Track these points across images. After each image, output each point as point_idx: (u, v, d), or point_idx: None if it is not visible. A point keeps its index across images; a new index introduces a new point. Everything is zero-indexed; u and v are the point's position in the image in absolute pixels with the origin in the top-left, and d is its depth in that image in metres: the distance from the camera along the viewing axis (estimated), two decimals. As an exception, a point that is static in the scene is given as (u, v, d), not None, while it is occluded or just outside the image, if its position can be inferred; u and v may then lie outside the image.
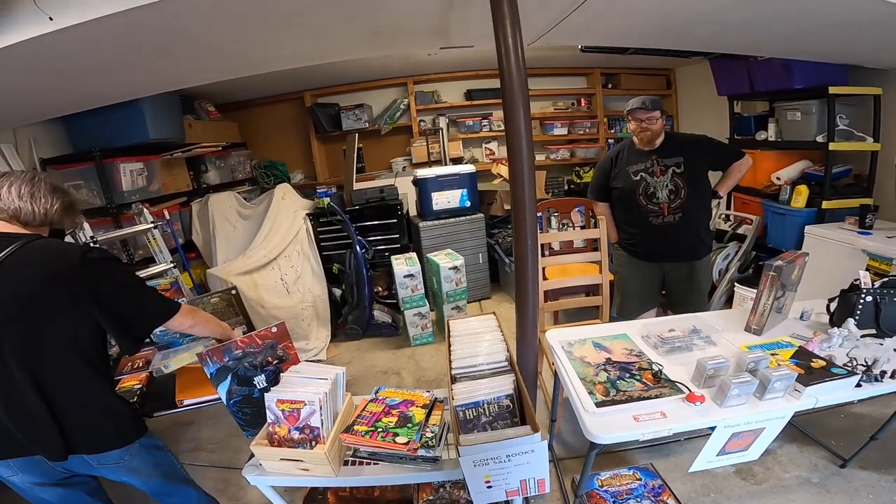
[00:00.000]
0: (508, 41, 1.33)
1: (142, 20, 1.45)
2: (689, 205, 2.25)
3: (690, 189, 2.24)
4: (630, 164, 2.33)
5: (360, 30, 2.09)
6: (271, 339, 1.46)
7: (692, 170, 2.24)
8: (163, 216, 3.13)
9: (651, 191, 2.27)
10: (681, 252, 2.35)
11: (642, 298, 2.51)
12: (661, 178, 2.25)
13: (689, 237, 2.32)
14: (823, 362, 1.44)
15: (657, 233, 2.31)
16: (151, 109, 2.90)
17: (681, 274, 2.39)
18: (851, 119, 3.00)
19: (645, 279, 2.47)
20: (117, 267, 1.35)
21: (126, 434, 1.36)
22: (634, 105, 2.26)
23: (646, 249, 2.40)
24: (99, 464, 1.33)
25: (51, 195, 1.34)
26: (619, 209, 2.46)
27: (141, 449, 1.40)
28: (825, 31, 2.21)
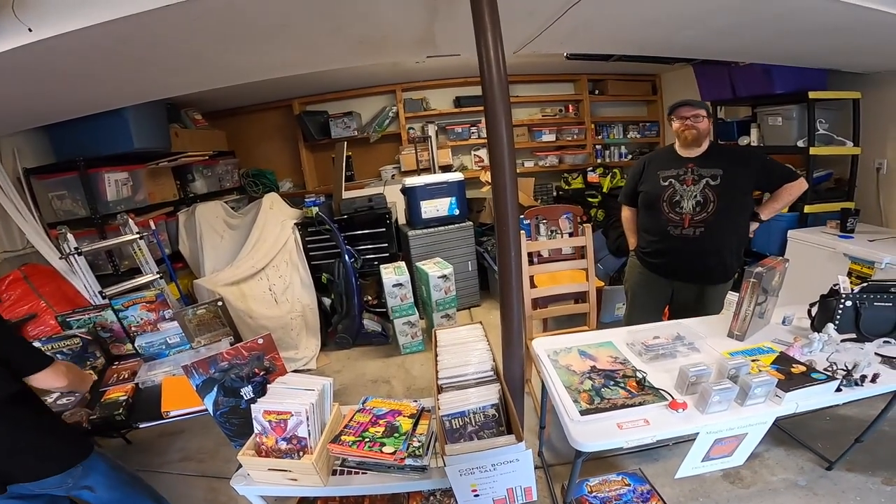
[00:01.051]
0: (490, 50, 1.34)
1: (122, 31, 1.45)
2: (716, 221, 2.05)
3: (721, 204, 2.03)
4: (662, 169, 2.16)
5: (346, 40, 2.10)
6: (258, 351, 1.45)
7: (730, 185, 2.03)
8: (149, 226, 3.11)
9: (676, 199, 2.10)
10: (694, 271, 2.18)
11: (646, 311, 2.35)
12: (692, 187, 2.07)
13: (708, 257, 2.13)
14: (804, 367, 1.45)
15: (674, 244, 2.14)
16: (136, 118, 2.88)
17: (689, 295, 2.24)
18: (831, 123, 3.04)
19: (651, 293, 2.34)
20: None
21: (61, 461, 1.39)
22: (679, 102, 2.10)
23: (658, 260, 2.24)
24: (40, 489, 1.36)
25: None
26: (642, 215, 2.30)
27: (87, 470, 1.43)
28: (803, 36, 2.25)
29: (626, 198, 2.42)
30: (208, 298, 2.68)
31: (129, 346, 2.31)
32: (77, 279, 2.61)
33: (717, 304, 2.26)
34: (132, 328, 2.31)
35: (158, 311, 2.29)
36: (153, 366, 2.14)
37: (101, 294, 2.61)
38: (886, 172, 2.99)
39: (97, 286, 2.64)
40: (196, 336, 2.27)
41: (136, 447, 2.60)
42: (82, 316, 2.24)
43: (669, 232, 2.13)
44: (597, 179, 4.64)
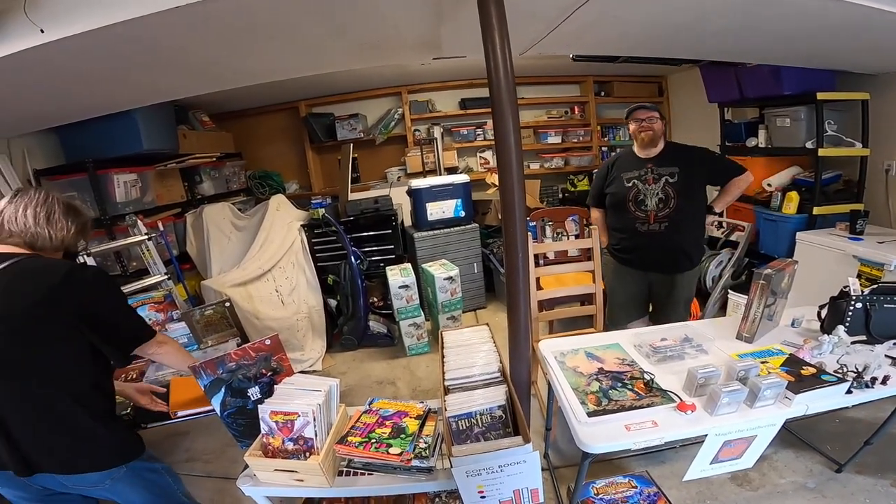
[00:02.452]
0: (497, 52, 1.35)
1: (131, 33, 1.46)
2: (677, 216, 2.23)
3: (681, 200, 2.22)
4: (625, 171, 2.33)
5: (351, 43, 2.11)
6: (265, 352, 1.46)
7: (686, 181, 2.22)
8: (157, 227, 3.12)
9: (641, 198, 2.27)
10: (663, 263, 2.34)
11: (627, 307, 2.51)
12: (653, 185, 2.25)
13: (673, 248, 2.31)
14: (814, 369, 1.44)
15: (642, 240, 2.31)
16: (145, 120, 2.90)
17: (664, 285, 2.39)
18: (840, 125, 3.02)
19: (630, 287, 2.46)
20: (102, 287, 1.31)
21: (106, 459, 1.31)
22: (633, 106, 2.31)
23: (630, 255, 2.40)
24: (74, 485, 1.30)
25: (65, 218, 1.31)
26: (610, 214, 2.47)
27: (129, 473, 1.35)
28: (810, 37, 2.24)
29: (594, 199, 2.58)
30: (215, 299, 2.69)
31: None
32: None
33: (689, 289, 2.45)
34: (140, 329, 2.32)
35: (167, 312, 2.31)
36: (161, 366, 2.15)
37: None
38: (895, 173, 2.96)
39: (105, 287, 2.65)
40: (203, 337, 2.28)
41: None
42: None
43: (637, 228, 2.30)
44: (603, 181, 4.62)
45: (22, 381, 1.19)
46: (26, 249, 1.26)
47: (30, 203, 1.27)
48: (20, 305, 1.16)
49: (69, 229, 1.32)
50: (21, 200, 1.27)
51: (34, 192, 1.31)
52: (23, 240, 1.26)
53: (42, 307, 1.17)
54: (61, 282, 1.19)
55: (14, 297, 1.16)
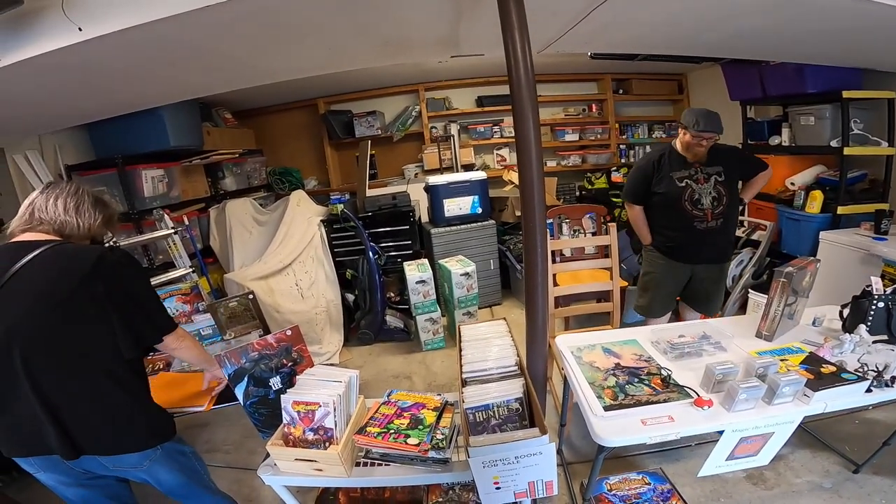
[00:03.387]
0: (517, 50, 1.36)
1: (165, 31, 1.51)
2: (728, 211, 2.37)
3: (729, 197, 2.35)
4: (674, 171, 2.37)
5: (372, 41, 2.15)
6: (286, 342, 1.50)
7: (730, 178, 2.36)
8: (182, 222, 3.21)
9: (696, 197, 2.34)
10: (717, 255, 2.49)
11: (668, 299, 2.61)
12: (705, 185, 2.33)
13: (726, 241, 2.50)
14: (834, 368, 1.43)
15: (700, 237, 2.38)
16: (172, 117, 2.99)
17: (710, 275, 2.51)
18: (866, 123, 2.96)
19: (674, 280, 2.55)
20: (132, 271, 1.36)
21: (146, 439, 1.35)
22: (704, 126, 2.21)
23: (686, 252, 2.45)
24: (115, 466, 1.33)
25: (93, 208, 1.36)
26: (660, 214, 2.49)
27: (164, 454, 1.39)
28: (837, 36, 2.21)
29: (636, 196, 2.55)
30: (238, 292, 2.75)
31: None
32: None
33: (727, 277, 2.70)
34: (168, 319, 2.39)
35: (193, 304, 2.37)
36: None
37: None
38: (923, 173, 2.90)
39: (133, 278, 2.73)
40: (227, 328, 2.34)
41: None
42: None
43: (696, 227, 2.36)
44: (621, 179, 4.59)
45: (66, 362, 1.23)
46: (56, 237, 1.30)
47: (61, 194, 1.32)
48: (57, 288, 1.21)
49: (96, 219, 1.37)
50: (52, 192, 1.33)
51: (65, 185, 1.36)
52: (52, 227, 1.30)
53: (77, 289, 1.21)
54: (94, 264, 1.23)
55: (50, 280, 1.21)
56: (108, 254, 1.29)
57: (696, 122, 2.22)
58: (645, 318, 2.74)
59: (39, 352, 1.20)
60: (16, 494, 2.14)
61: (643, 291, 2.67)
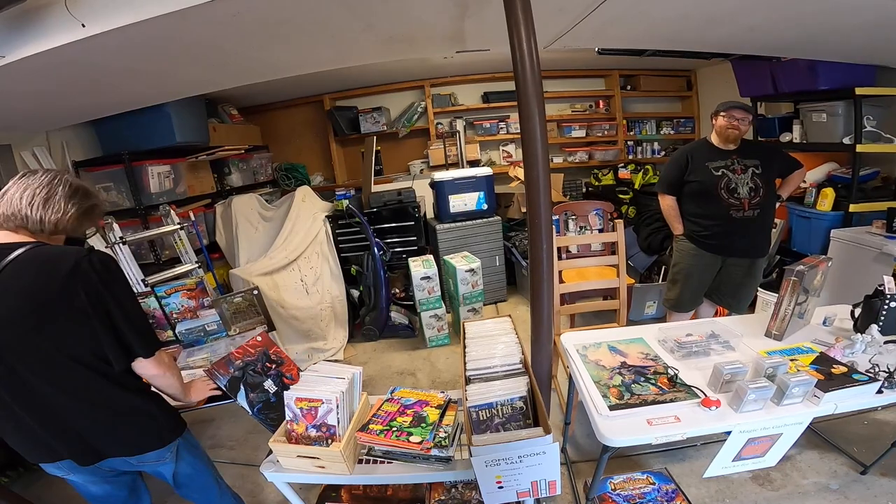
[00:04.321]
0: (523, 46, 1.34)
1: (168, 27, 1.51)
2: (765, 204, 2.38)
3: (766, 190, 2.37)
4: (709, 161, 2.41)
5: (378, 37, 2.13)
6: (261, 347, 1.49)
7: (767, 173, 2.39)
8: (188, 217, 3.22)
9: (733, 186, 2.36)
10: (753, 247, 2.48)
11: (699, 291, 2.61)
12: (742, 175, 2.36)
13: (762, 235, 2.49)
14: (844, 368, 1.41)
15: (736, 226, 2.39)
16: (177, 113, 3.00)
17: (741, 269, 2.50)
18: (879, 120, 2.91)
19: (705, 272, 2.55)
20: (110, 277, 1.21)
21: (167, 434, 1.35)
22: (734, 104, 2.35)
23: (719, 241, 2.45)
24: (140, 462, 1.33)
25: (66, 201, 1.21)
26: (695, 203, 2.51)
27: (183, 446, 1.40)
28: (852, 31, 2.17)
29: (669, 188, 2.58)
30: (243, 288, 2.76)
31: (169, 332, 2.38)
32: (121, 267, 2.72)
33: (761, 272, 2.63)
34: (173, 315, 2.39)
35: (198, 299, 2.37)
36: (192, 352, 2.21)
37: (144, 282, 2.72)
38: (938, 171, 2.84)
39: (140, 274, 2.75)
40: (232, 324, 2.35)
41: None
42: None
43: (732, 215, 2.37)
44: (628, 176, 4.55)
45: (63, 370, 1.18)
46: (26, 235, 1.19)
47: (31, 184, 1.19)
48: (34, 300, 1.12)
49: (67, 213, 1.21)
50: (24, 182, 1.19)
51: (42, 174, 1.22)
52: (14, 224, 1.17)
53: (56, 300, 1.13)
54: (69, 272, 1.14)
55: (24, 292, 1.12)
56: (84, 262, 1.16)
57: (726, 103, 2.36)
58: (671, 312, 2.75)
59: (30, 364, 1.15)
60: (22, 490, 2.16)
61: (672, 284, 2.68)
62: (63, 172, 1.27)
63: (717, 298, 2.65)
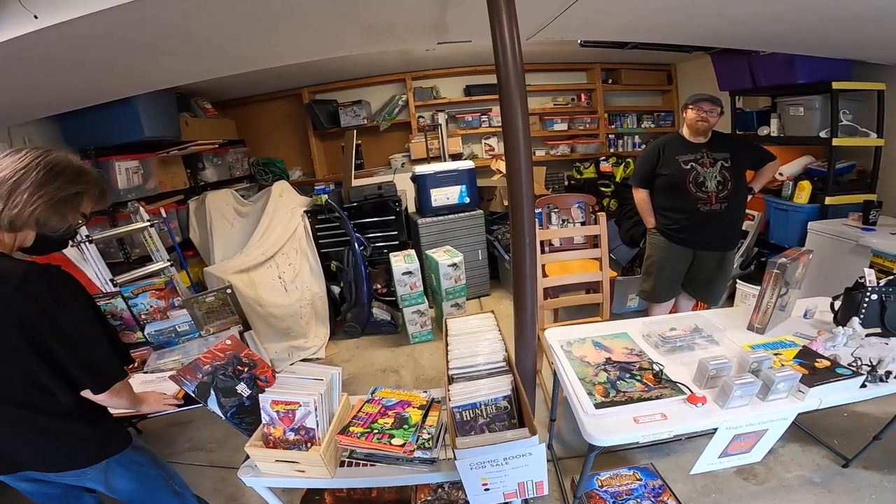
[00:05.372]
0: (505, 36, 1.30)
1: (128, 18, 1.42)
2: (733, 197, 2.40)
3: (735, 183, 2.39)
4: (679, 154, 2.43)
5: (355, 26, 2.06)
6: (231, 350, 1.44)
7: (737, 166, 2.41)
8: (159, 214, 3.11)
9: (701, 180, 2.38)
10: (721, 241, 2.50)
11: (673, 284, 2.64)
12: (711, 169, 2.38)
13: (731, 228, 2.51)
14: (828, 362, 1.41)
15: (703, 220, 2.42)
16: (146, 107, 2.87)
17: (712, 262, 2.54)
18: (855, 114, 2.97)
19: (678, 265, 2.58)
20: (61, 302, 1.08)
21: (92, 455, 1.26)
22: (702, 96, 2.38)
23: (689, 235, 2.48)
24: (58, 477, 1.27)
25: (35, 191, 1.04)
26: (665, 196, 2.53)
27: (118, 465, 1.32)
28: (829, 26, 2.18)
29: (642, 181, 2.60)
30: (218, 286, 2.68)
31: (139, 334, 2.30)
32: (88, 267, 2.61)
33: (732, 264, 2.70)
34: (142, 316, 2.30)
35: (168, 299, 2.29)
36: (162, 354, 2.15)
37: (112, 282, 2.61)
38: (911, 164, 2.90)
39: (108, 274, 2.64)
40: (205, 324, 2.27)
41: (145, 437, 2.61)
42: None
43: (700, 209, 2.40)
44: (609, 169, 4.57)
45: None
46: None
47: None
48: None
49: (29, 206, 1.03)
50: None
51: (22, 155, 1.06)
52: None
53: None
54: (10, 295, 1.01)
55: None
56: (32, 280, 1.02)
57: (694, 96, 2.40)
58: (648, 303, 2.77)
59: None
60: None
61: (646, 277, 2.71)
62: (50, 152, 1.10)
63: (692, 290, 2.69)
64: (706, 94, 2.40)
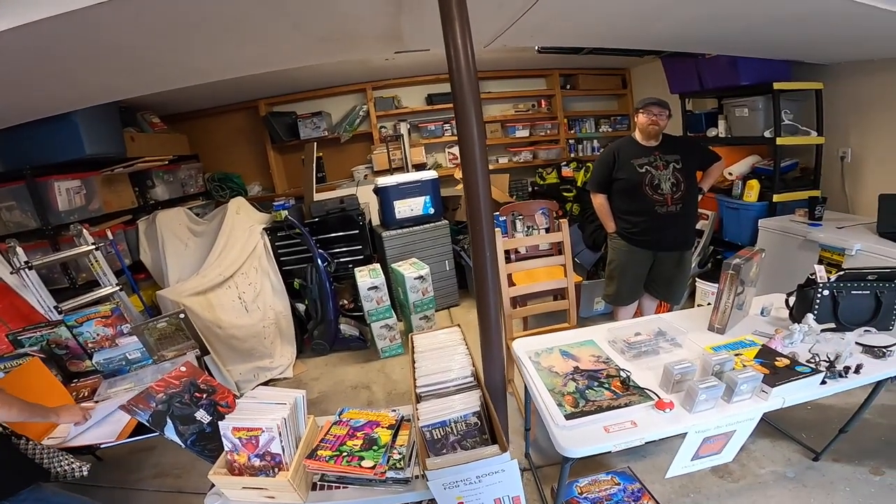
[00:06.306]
0: (458, 44, 1.28)
1: (55, 31, 1.32)
2: (687, 198, 2.46)
3: (687, 183, 2.45)
4: (633, 158, 2.47)
5: (307, 37, 2.01)
6: (187, 377, 1.38)
7: (687, 167, 2.47)
8: (105, 236, 2.94)
9: (656, 182, 2.43)
10: (679, 241, 2.55)
11: (636, 286, 2.68)
12: (664, 171, 2.44)
13: (687, 227, 2.57)
14: (787, 360, 1.44)
15: (662, 221, 2.46)
16: (87, 123, 2.69)
17: (670, 262, 2.59)
18: (796, 114, 3.10)
19: (639, 267, 2.62)
20: None
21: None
22: (650, 100, 2.44)
23: (648, 237, 2.52)
24: None
25: None
26: (623, 200, 2.57)
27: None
28: (769, 27, 2.26)
29: (600, 186, 2.64)
30: (173, 310, 2.55)
31: (87, 362, 2.18)
32: (30, 294, 2.44)
33: (690, 263, 2.76)
34: (89, 344, 2.18)
35: (115, 326, 2.16)
36: (114, 382, 2.04)
37: (57, 309, 2.45)
38: (850, 160, 3.06)
39: (52, 301, 2.47)
40: (159, 350, 2.15)
41: (108, 464, 2.45)
42: (34, 333, 2.11)
43: (657, 211, 2.45)
44: (571, 174, 4.64)
45: None
46: None
47: None
48: None
49: None
50: None
51: None
52: None
53: None
54: None
55: None
56: None
57: (643, 100, 2.46)
58: (613, 306, 2.81)
59: None
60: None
61: (610, 280, 2.74)
62: None
63: (654, 291, 2.74)
64: (654, 97, 2.46)
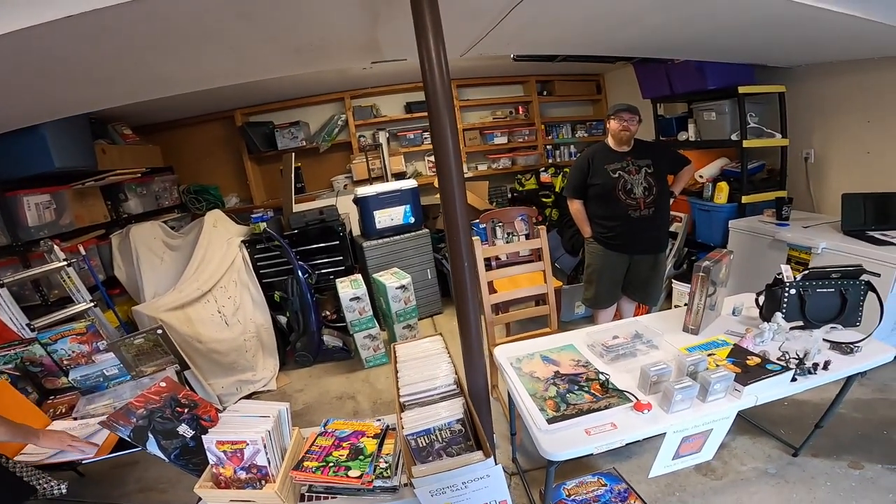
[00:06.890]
0: (432, 54, 1.30)
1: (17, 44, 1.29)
2: (659, 201, 2.53)
3: (659, 187, 2.52)
4: (607, 163, 2.54)
5: (282, 48, 2.00)
6: (167, 392, 1.37)
7: (659, 171, 2.54)
8: (78, 252, 2.86)
9: (629, 187, 2.50)
10: (653, 244, 2.63)
11: (613, 289, 2.74)
12: (636, 175, 2.50)
13: (660, 230, 2.65)
14: (758, 359, 1.49)
15: (635, 225, 2.52)
16: (55, 135, 2.62)
17: (646, 265, 2.66)
18: (761, 117, 3.21)
19: (616, 270, 2.68)
20: None
21: None
22: (621, 107, 2.50)
23: (623, 241, 2.58)
24: None
25: None
26: (598, 205, 2.63)
27: None
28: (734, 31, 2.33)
29: (576, 191, 2.70)
30: (149, 325, 2.49)
31: (63, 379, 2.15)
32: (2, 312, 2.36)
33: (665, 267, 2.87)
34: (64, 361, 2.14)
35: (91, 343, 2.11)
36: (92, 399, 2.03)
37: (30, 326, 2.38)
38: (814, 161, 3.18)
39: (24, 319, 2.40)
40: (138, 366, 2.12)
41: (90, 479, 2.37)
42: (7, 352, 2.08)
43: (630, 215, 2.51)
44: (549, 179, 4.71)
45: None
46: None
47: None
48: None
49: None
50: None
51: None
52: None
53: None
54: None
55: None
56: None
57: (614, 107, 2.53)
58: (593, 309, 2.85)
59: None
60: None
61: (588, 284, 2.80)
62: None
63: (631, 293, 2.80)
64: (624, 104, 2.52)
